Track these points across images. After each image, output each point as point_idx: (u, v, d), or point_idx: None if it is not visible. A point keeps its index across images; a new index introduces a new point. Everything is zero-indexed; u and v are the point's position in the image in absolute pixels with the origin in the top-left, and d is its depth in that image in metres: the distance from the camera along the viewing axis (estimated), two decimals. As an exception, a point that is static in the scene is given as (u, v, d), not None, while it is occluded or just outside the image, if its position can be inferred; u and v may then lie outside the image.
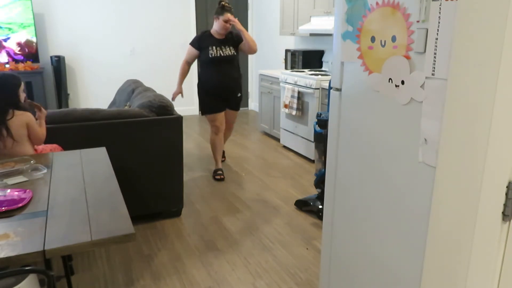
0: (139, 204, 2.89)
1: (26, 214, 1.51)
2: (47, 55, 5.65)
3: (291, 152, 4.74)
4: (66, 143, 2.56)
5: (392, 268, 1.42)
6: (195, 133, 5.67)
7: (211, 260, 2.53)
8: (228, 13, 3.64)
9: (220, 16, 3.65)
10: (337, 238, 1.72)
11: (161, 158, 2.91)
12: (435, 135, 1.16)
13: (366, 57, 1.42)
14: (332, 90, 1.66)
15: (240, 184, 3.77)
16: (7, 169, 1.92)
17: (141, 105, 2.94)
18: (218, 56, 3.71)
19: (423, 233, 1.23)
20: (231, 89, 3.88)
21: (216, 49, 3.71)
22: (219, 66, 3.77)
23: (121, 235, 1.36)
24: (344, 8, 1.50)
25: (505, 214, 1.00)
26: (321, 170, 3.02)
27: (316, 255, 2.58)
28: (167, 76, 6.44)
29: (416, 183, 1.27)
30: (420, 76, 1.20)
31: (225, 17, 3.64)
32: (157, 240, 2.77)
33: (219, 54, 3.71)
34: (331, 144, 1.69)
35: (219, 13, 3.67)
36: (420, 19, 1.19)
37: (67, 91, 5.80)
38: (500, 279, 1.06)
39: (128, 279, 2.33)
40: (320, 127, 2.99)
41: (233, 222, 3.02)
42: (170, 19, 6.28)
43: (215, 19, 3.71)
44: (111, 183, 1.81)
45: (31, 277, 1.50)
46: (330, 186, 1.73)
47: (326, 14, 4.39)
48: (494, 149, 0.96)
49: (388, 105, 1.36)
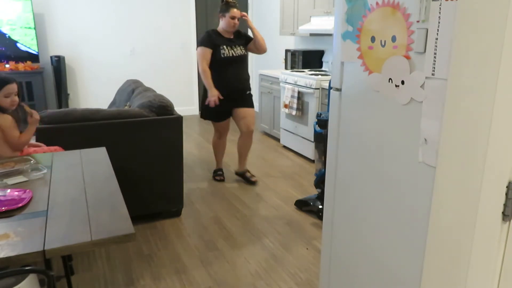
0: (139, 204, 2.89)
1: (26, 214, 1.51)
2: (47, 55, 5.65)
3: (291, 152, 4.74)
4: (66, 143, 2.56)
5: (392, 268, 1.42)
6: (195, 133, 5.66)
7: (211, 260, 2.53)
8: (234, 9, 3.41)
9: (226, 14, 3.42)
10: (337, 238, 1.72)
11: (161, 158, 2.91)
12: (435, 135, 1.16)
13: (366, 57, 1.42)
14: (332, 90, 1.66)
15: (240, 184, 3.77)
16: (7, 169, 1.92)
17: (141, 105, 2.94)
18: (231, 56, 3.46)
19: (423, 233, 1.23)
20: (240, 91, 3.63)
21: (227, 49, 3.46)
22: (230, 67, 3.51)
23: (121, 235, 1.36)
24: (344, 8, 1.50)
25: (505, 214, 1.00)
26: (321, 170, 3.02)
27: (316, 255, 2.58)
28: (167, 76, 6.45)
29: (416, 183, 1.27)
30: (420, 76, 1.20)
31: (232, 13, 3.40)
32: (157, 240, 2.77)
33: (231, 54, 3.46)
34: (331, 144, 1.69)
35: (224, 10, 3.44)
36: (420, 19, 1.19)
37: (67, 91, 5.80)
38: (500, 279, 1.06)
39: (128, 279, 2.33)
40: (320, 127, 2.99)
41: (233, 222, 3.02)
42: (170, 19, 6.29)
43: (220, 18, 3.49)
44: (111, 183, 1.81)
45: (31, 277, 1.50)
46: (330, 186, 1.73)
47: (326, 14, 4.39)
48: (494, 149, 0.96)
49: (388, 105, 1.36)
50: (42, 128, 2.59)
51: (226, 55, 3.45)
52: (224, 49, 3.44)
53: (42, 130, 2.59)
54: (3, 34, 5.21)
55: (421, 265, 1.24)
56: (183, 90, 6.61)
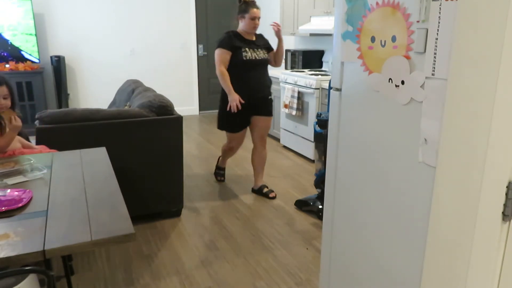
0: (139, 204, 2.89)
1: (26, 214, 1.51)
2: (47, 55, 5.65)
3: (291, 152, 4.74)
4: (66, 143, 2.56)
5: (392, 268, 1.41)
6: (195, 133, 5.66)
7: (211, 260, 2.53)
8: (254, 9, 3.17)
9: (245, 14, 3.18)
10: (337, 238, 1.72)
11: (161, 158, 2.91)
12: (435, 135, 1.16)
13: (366, 57, 1.42)
14: (332, 90, 1.66)
15: (240, 184, 3.77)
16: (7, 169, 1.92)
17: (141, 105, 2.94)
18: (253, 59, 3.20)
19: (423, 233, 1.23)
20: (262, 98, 3.37)
21: (250, 51, 3.21)
22: (253, 71, 3.24)
23: (121, 235, 1.36)
24: (344, 8, 1.50)
25: (505, 214, 1.00)
26: (321, 170, 3.02)
27: (316, 255, 2.58)
28: (167, 76, 6.45)
29: (416, 183, 1.27)
30: (420, 76, 1.20)
31: (252, 13, 3.16)
32: (157, 240, 2.77)
33: (253, 57, 3.21)
34: (331, 144, 1.69)
35: (243, 11, 3.20)
36: (420, 19, 1.19)
37: (67, 91, 5.80)
38: (500, 279, 1.06)
39: (128, 279, 2.33)
40: (320, 127, 2.99)
41: (233, 222, 3.02)
42: (170, 19, 6.29)
43: (239, 19, 3.25)
44: (111, 183, 1.81)
45: (31, 277, 1.50)
46: (330, 186, 1.73)
47: (326, 14, 4.40)
48: (494, 149, 0.96)
49: (388, 105, 1.36)
50: (42, 128, 2.59)
51: (249, 58, 3.19)
52: (246, 51, 3.20)
53: (42, 130, 2.59)
54: (6, 40, 5.22)
55: (421, 265, 1.24)
56: (183, 90, 6.61)
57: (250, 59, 3.20)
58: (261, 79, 3.31)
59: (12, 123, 2.16)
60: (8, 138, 2.18)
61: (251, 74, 3.24)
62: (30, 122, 4.90)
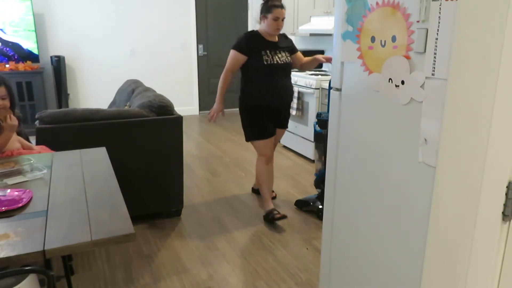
0: (139, 204, 2.89)
1: (26, 214, 1.51)
2: (47, 55, 5.65)
3: (291, 152, 4.74)
4: (66, 143, 2.56)
5: (392, 268, 1.42)
6: (195, 133, 5.67)
7: (211, 260, 2.53)
8: (278, 9, 2.88)
9: (268, 14, 2.89)
10: (337, 238, 1.72)
11: (161, 158, 2.91)
12: (435, 135, 1.16)
13: (366, 57, 1.42)
14: (332, 90, 1.66)
15: (240, 184, 3.77)
16: (7, 169, 1.92)
17: (141, 105, 2.94)
18: (274, 63, 2.91)
19: (423, 233, 1.23)
20: (285, 106, 3.13)
21: (271, 54, 2.91)
22: (274, 77, 2.95)
23: (121, 235, 1.36)
24: (344, 8, 1.50)
25: (505, 214, 1.00)
26: (321, 170, 3.02)
27: (316, 255, 2.58)
28: (167, 76, 6.45)
29: (416, 183, 1.27)
30: (420, 76, 1.20)
31: (276, 14, 2.87)
32: (157, 240, 2.77)
33: (275, 61, 2.91)
34: (331, 144, 1.69)
35: (266, 10, 2.91)
36: (420, 19, 1.19)
37: (67, 91, 5.80)
38: (500, 279, 1.06)
39: (128, 279, 2.33)
40: (320, 127, 2.99)
41: (233, 222, 3.02)
42: (170, 19, 6.29)
43: (261, 19, 2.97)
44: (111, 183, 1.81)
45: (31, 277, 1.50)
46: (330, 186, 1.73)
47: (326, 14, 4.40)
48: (494, 149, 0.96)
49: (388, 105, 1.36)
50: (42, 128, 2.59)
51: (270, 61, 2.89)
52: (266, 54, 2.90)
53: (42, 130, 2.59)
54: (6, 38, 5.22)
55: (421, 265, 1.24)
56: (183, 90, 6.61)
57: (270, 63, 2.90)
58: (284, 85, 3.02)
59: (7, 122, 2.12)
60: (5, 137, 2.16)
61: (273, 80, 2.95)
62: (30, 122, 4.90)
